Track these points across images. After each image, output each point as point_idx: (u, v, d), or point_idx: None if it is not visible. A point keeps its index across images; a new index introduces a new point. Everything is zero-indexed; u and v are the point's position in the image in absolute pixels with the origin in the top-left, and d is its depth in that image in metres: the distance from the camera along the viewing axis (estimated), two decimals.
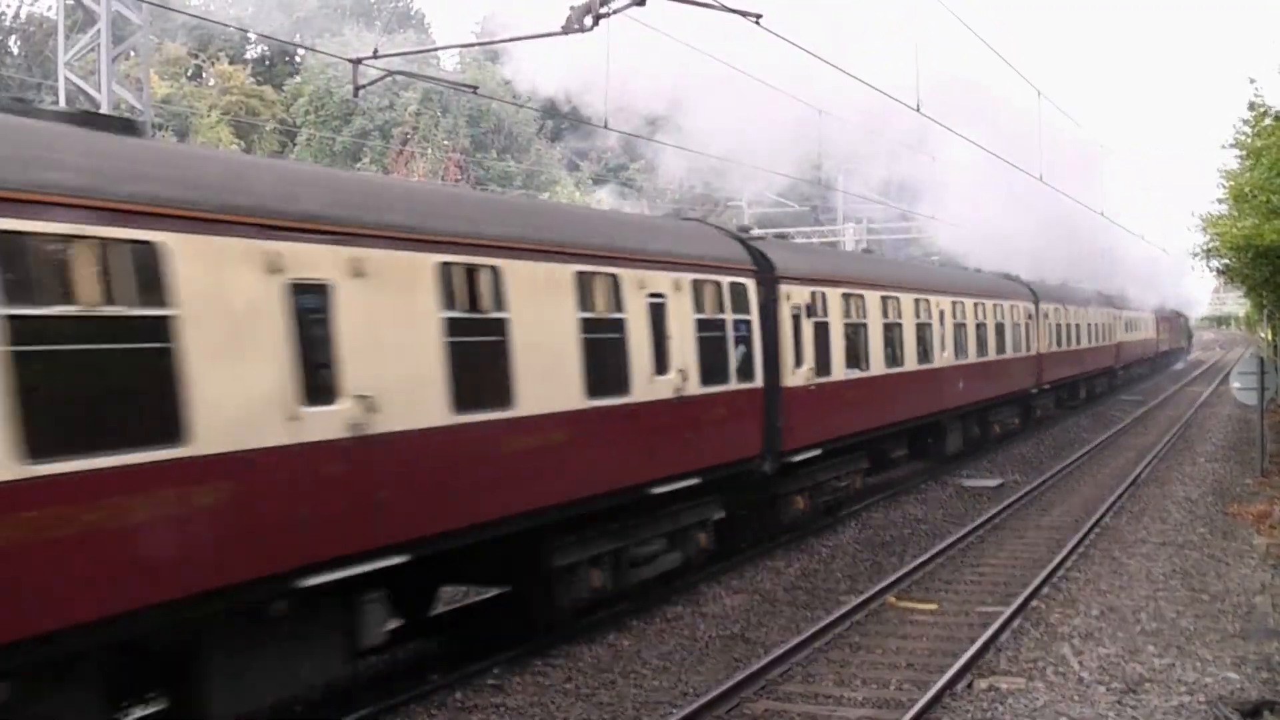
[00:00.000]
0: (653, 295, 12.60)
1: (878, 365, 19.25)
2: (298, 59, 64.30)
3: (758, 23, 15.04)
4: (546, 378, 10.78)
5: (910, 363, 20.92)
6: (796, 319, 16.16)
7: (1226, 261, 32.04)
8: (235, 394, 7.76)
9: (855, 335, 18.43)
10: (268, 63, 65.45)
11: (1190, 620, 12.64)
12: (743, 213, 55.42)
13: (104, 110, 17.77)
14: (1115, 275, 47.40)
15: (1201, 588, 14.14)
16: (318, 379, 8.39)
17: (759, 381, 14.97)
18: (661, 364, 12.69)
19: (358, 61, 17.95)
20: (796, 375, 16.06)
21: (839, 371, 17.59)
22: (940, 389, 22.59)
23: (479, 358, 10.09)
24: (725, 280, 14.29)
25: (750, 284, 14.88)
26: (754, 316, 14.90)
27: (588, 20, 14.91)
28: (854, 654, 11.73)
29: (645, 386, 12.35)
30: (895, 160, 49.70)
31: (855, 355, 18.43)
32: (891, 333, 19.97)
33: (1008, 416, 29.53)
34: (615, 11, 14.89)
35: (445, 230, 9.91)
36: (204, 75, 57.83)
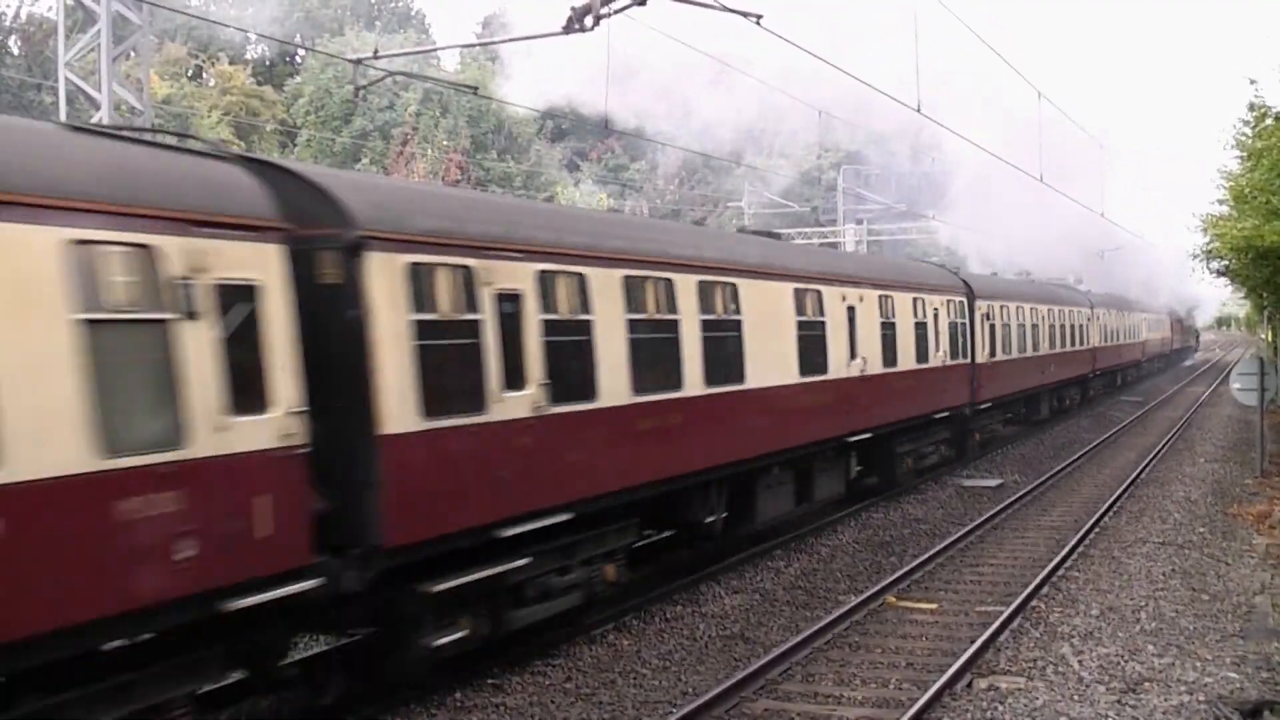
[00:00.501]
0: (934, 308, 22.34)
1: (1016, 351, 28.81)
2: (298, 59, 64.32)
3: (758, 23, 15.07)
4: (904, 351, 20.43)
5: (1029, 350, 30.37)
6: (981, 320, 25.61)
7: (1227, 263, 32.00)
8: (837, 353, 17.66)
9: (1007, 331, 27.99)
10: (268, 63, 65.47)
11: (1190, 620, 12.64)
12: (743, 213, 55.48)
13: (104, 109, 17.79)
14: (1139, 281, 54.57)
15: (1201, 587, 14.14)
16: (852, 348, 18.20)
17: (967, 359, 24.37)
18: (937, 346, 22.41)
19: (358, 62, 17.99)
20: (982, 355, 25.56)
21: (1000, 354, 27.20)
22: (1041, 370, 31.89)
23: (887, 342, 19.69)
24: (956, 299, 24.12)
25: (964, 300, 24.66)
26: (966, 319, 24.51)
27: (588, 20, 14.94)
28: (854, 654, 11.73)
29: (932, 359, 21.97)
30: (912, 163, 50.10)
31: (1007, 344, 27.95)
32: (1022, 330, 29.52)
33: (1073, 393, 38.67)
34: (616, 12, 14.91)
35: (880, 279, 20.13)
36: (204, 75, 57.86)
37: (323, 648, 10.71)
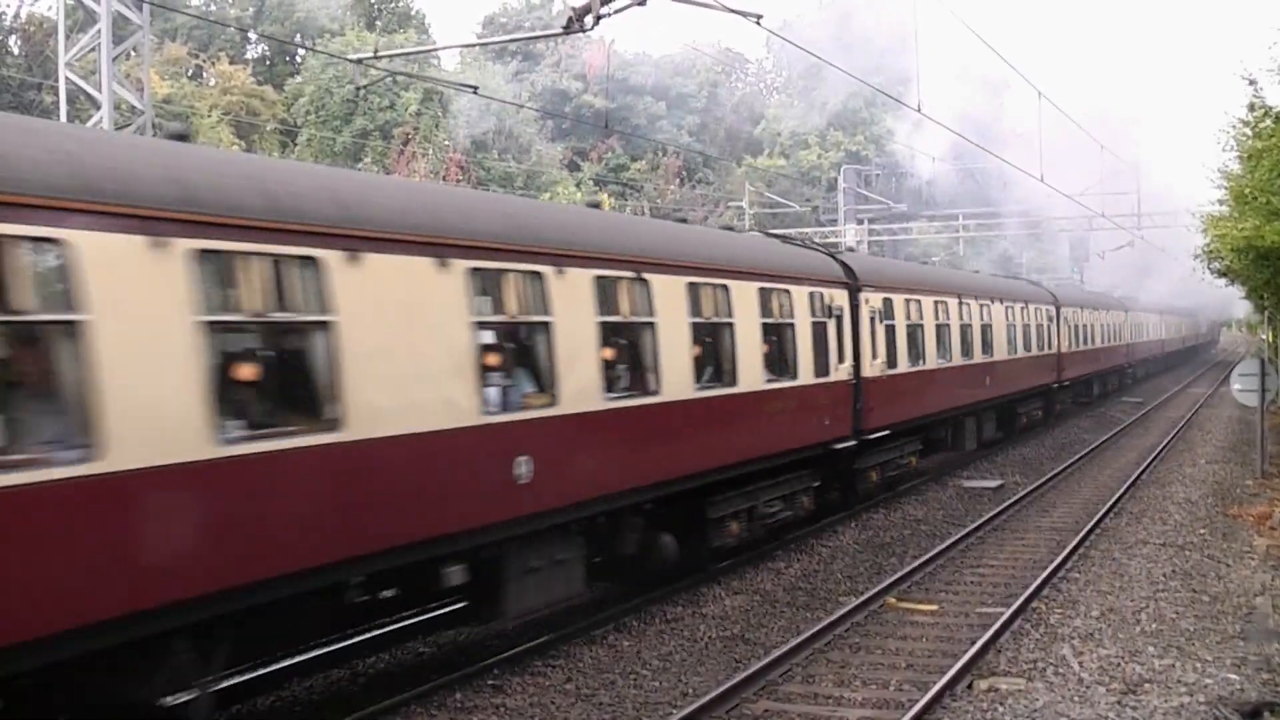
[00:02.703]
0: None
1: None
2: (298, 59, 64.32)
3: (758, 23, 15.08)
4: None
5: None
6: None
7: (1227, 263, 31.95)
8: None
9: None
10: (268, 62, 65.47)
11: (1190, 621, 12.64)
12: (743, 213, 55.49)
13: (104, 109, 17.77)
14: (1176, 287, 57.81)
15: (1202, 589, 14.14)
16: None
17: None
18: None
19: (359, 61, 18.00)
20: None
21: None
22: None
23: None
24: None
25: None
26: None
27: (588, 20, 14.94)
28: (854, 655, 11.73)
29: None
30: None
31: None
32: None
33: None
34: (616, 12, 14.92)
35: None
36: (204, 75, 57.86)
37: None
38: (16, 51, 46.62)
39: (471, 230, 10.06)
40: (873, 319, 19.03)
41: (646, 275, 12.25)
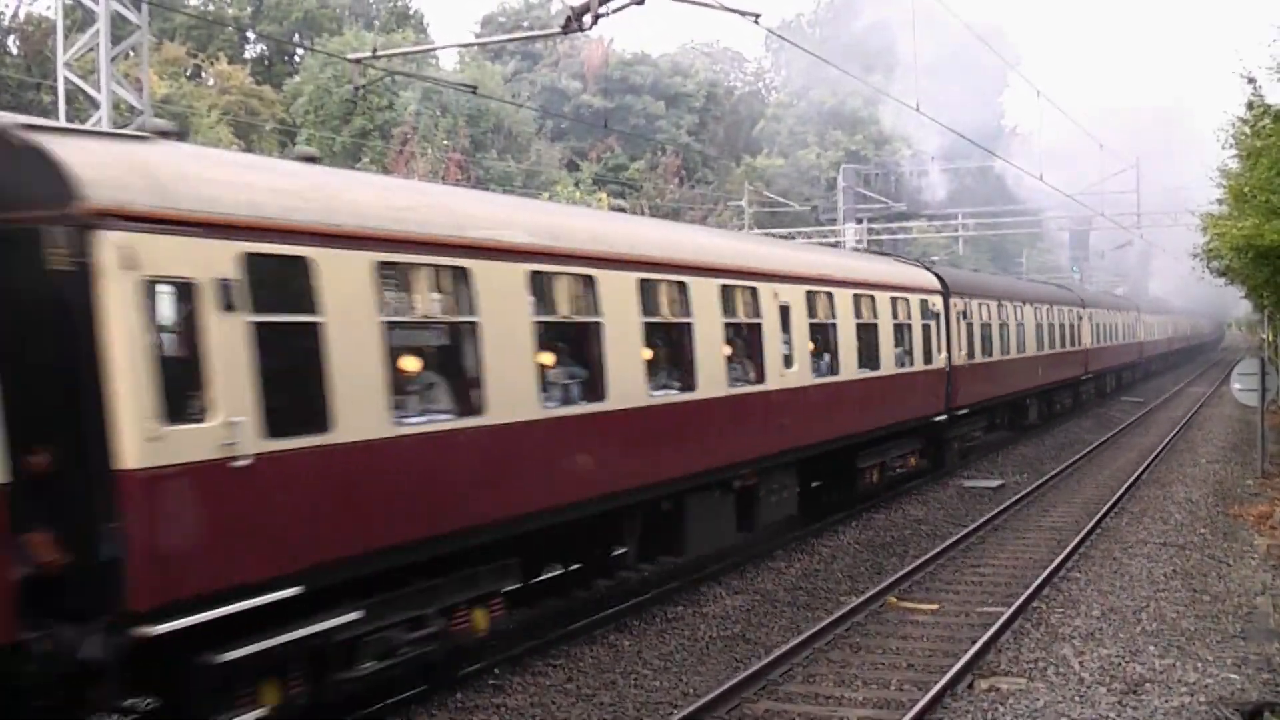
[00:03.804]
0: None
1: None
2: (297, 59, 64.29)
3: (756, 22, 15.09)
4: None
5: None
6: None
7: (1227, 262, 31.89)
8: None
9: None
10: (267, 62, 65.42)
11: (1191, 621, 12.63)
12: (743, 213, 55.46)
13: (103, 109, 17.75)
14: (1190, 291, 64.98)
15: (1202, 589, 14.13)
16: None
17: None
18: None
19: (358, 61, 17.98)
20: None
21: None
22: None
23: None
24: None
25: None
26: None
27: (586, 20, 14.93)
28: (855, 654, 11.72)
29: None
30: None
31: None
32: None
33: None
34: (615, 11, 14.91)
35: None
36: (203, 75, 57.81)
37: None
38: (15, 51, 46.56)
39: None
40: (1094, 326, 35.02)
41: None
